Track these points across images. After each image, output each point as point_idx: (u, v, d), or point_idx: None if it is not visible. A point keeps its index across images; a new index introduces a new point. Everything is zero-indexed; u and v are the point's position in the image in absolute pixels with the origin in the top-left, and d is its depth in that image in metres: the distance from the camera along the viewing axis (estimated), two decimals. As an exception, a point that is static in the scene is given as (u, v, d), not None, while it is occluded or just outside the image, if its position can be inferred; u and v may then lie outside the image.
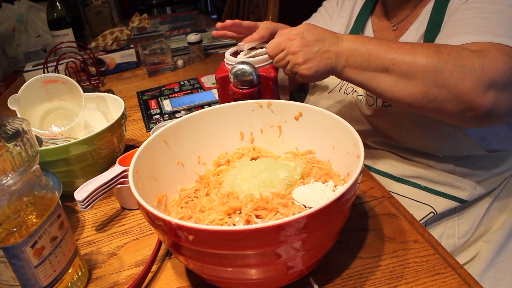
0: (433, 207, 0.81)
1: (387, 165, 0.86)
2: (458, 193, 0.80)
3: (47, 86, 0.86)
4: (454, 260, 0.54)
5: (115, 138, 0.78)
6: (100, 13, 1.88)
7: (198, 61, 1.48)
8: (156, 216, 0.45)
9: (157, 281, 0.57)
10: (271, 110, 0.66)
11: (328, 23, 1.03)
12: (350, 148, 0.56)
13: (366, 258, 0.56)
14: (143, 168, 0.56)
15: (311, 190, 0.56)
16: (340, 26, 0.97)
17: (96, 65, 1.36)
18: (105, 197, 0.74)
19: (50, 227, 0.50)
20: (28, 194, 0.50)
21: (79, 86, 0.86)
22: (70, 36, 1.51)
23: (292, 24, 1.15)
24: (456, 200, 0.80)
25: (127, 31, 1.47)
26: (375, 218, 0.63)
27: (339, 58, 0.67)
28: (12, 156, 0.46)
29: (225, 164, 0.66)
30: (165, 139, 0.62)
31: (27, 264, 0.48)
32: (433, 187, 0.81)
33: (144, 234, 0.66)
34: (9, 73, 1.57)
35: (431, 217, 0.81)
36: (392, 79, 0.65)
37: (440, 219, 0.82)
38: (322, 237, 0.48)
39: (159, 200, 0.57)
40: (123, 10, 2.56)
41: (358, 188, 0.49)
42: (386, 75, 0.65)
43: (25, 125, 0.49)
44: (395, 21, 0.88)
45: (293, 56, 0.68)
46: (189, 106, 1.10)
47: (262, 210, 0.52)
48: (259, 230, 0.41)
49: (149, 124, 1.04)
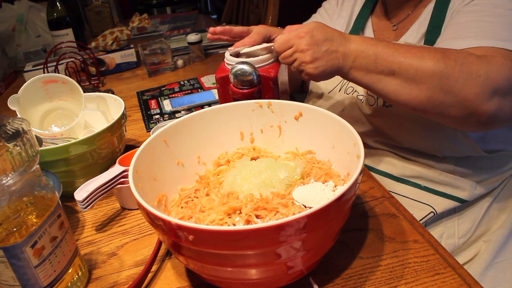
0: (433, 207, 0.81)
1: (387, 165, 0.86)
2: (458, 193, 0.80)
3: (47, 86, 0.86)
4: (454, 260, 0.54)
5: (115, 138, 0.78)
6: (100, 13, 1.88)
7: (198, 61, 1.48)
8: (156, 216, 0.45)
9: (157, 281, 0.57)
10: (271, 110, 0.66)
11: (328, 23, 1.02)
12: (350, 148, 0.56)
13: (366, 258, 0.56)
14: (143, 168, 0.56)
15: (311, 190, 0.56)
16: (340, 27, 0.96)
17: (96, 65, 1.36)
18: (105, 197, 0.74)
19: (50, 227, 0.50)
20: (28, 194, 0.50)
21: (79, 86, 0.86)
22: (70, 36, 1.51)
23: (292, 24, 1.16)
24: (456, 200, 0.80)
25: (127, 31, 1.47)
26: (375, 218, 0.63)
27: (347, 59, 0.67)
28: (12, 156, 0.46)
29: (225, 164, 0.66)
30: (165, 139, 0.62)
31: (27, 264, 0.48)
32: (433, 187, 0.82)
33: (144, 234, 0.66)
34: (9, 73, 1.58)
35: (431, 217, 0.81)
36: (398, 83, 0.65)
37: (440, 219, 0.82)
38: (322, 237, 0.48)
39: (159, 200, 0.57)
40: (123, 10, 2.56)
41: (358, 188, 0.49)
42: (392, 78, 0.65)
43: (25, 125, 0.49)
44: (395, 21, 0.88)
45: (301, 54, 0.67)
46: (189, 106, 1.10)
47: (262, 210, 0.52)
48: (259, 230, 0.41)
49: (149, 124, 1.04)
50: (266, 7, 1.72)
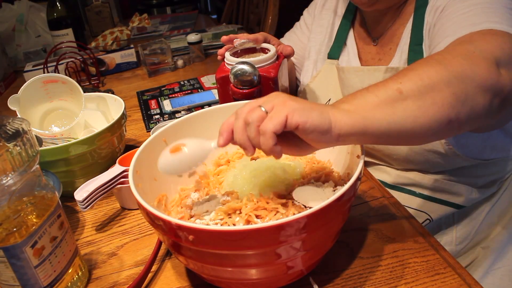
0: (428, 214, 0.80)
1: (382, 173, 0.85)
2: (454, 199, 0.79)
3: (47, 86, 0.86)
4: (454, 260, 0.54)
5: (115, 138, 0.78)
6: (100, 13, 1.88)
7: (198, 61, 1.48)
8: (156, 216, 0.45)
9: (157, 281, 0.57)
10: (271, 110, 0.66)
11: (306, 35, 1.03)
12: (350, 148, 0.56)
13: (366, 258, 0.56)
14: (143, 168, 0.56)
15: (311, 190, 0.56)
16: (320, 36, 0.95)
17: (96, 65, 1.36)
18: (105, 197, 0.74)
19: (50, 227, 0.50)
20: (28, 194, 0.50)
21: (79, 86, 0.86)
22: (70, 36, 1.51)
23: (292, 24, 1.16)
24: (452, 206, 0.80)
25: (127, 31, 1.47)
26: (375, 218, 0.63)
27: None
28: (12, 156, 0.46)
29: (225, 164, 0.66)
30: (165, 139, 0.62)
31: (27, 264, 0.48)
32: (428, 193, 0.81)
33: (144, 234, 0.66)
34: (9, 73, 1.58)
35: (426, 224, 0.80)
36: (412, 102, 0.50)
37: (438, 226, 0.82)
38: (322, 237, 0.48)
39: (159, 200, 0.58)
40: (123, 10, 2.56)
41: (358, 188, 0.49)
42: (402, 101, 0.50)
43: (25, 125, 0.49)
44: (375, 35, 0.87)
45: None
46: (189, 106, 1.10)
47: (262, 210, 0.52)
48: (259, 230, 0.41)
49: (149, 124, 1.04)
50: (266, 7, 1.72)
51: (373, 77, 0.79)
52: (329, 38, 0.94)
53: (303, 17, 1.07)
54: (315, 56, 0.95)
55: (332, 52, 0.91)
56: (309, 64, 0.96)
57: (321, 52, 0.94)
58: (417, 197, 0.81)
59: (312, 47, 0.96)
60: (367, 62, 0.87)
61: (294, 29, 1.08)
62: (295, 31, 1.07)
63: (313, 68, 0.95)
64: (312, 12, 1.02)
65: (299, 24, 1.07)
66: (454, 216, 0.81)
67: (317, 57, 0.95)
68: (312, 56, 0.96)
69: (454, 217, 0.81)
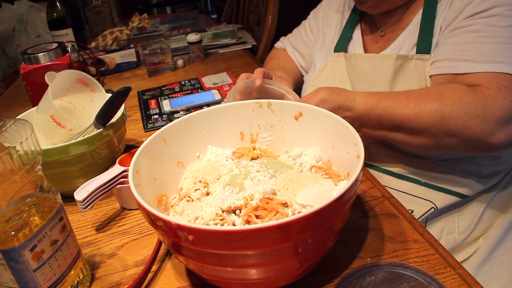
0: (434, 203, 0.81)
1: (387, 163, 0.86)
2: (458, 189, 0.81)
3: (75, 84, 0.84)
4: (454, 260, 0.54)
5: (115, 138, 0.78)
6: (100, 13, 1.88)
7: (198, 61, 1.48)
8: (156, 216, 0.45)
9: (157, 281, 0.57)
10: (271, 110, 0.66)
11: (311, 39, 1.08)
12: (350, 148, 0.56)
13: (366, 258, 0.56)
14: (143, 168, 0.56)
15: (311, 190, 0.56)
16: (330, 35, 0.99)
17: (96, 65, 1.36)
18: (105, 197, 0.74)
19: (50, 231, 0.50)
20: (31, 195, 0.50)
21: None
22: (70, 36, 1.51)
23: (292, 24, 1.16)
24: (456, 195, 0.81)
25: (127, 31, 1.47)
26: (375, 218, 0.63)
27: (354, 121, 0.73)
28: (14, 157, 0.45)
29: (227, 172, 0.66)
30: (165, 139, 0.62)
31: (26, 267, 0.48)
32: (433, 182, 0.82)
33: (144, 234, 0.67)
34: (9, 73, 1.57)
35: (432, 212, 0.81)
36: (404, 135, 0.72)
37: (441, 215, 0.83)
38: (322, 237, 0.48)
39: (159, 200, 0.57)
40: (123, 10, 2.56)
41: (358, 188, 0.49)
42: (398, 133, 0.73)
43: (27, 127, 0.48)
44: (383, 27, 0.89)
45: None
46: (188, 106, 1.10)
47: (262, 210, 0.52)
48: (259, 230, 0.41)
49: (147, 124, 1.04)
50: (266, 7, 1.72)
51: (385, 65, 0.83)
52: (339, 33, 0.97)
53: (309, 17, 1.12)
54: (325, 53, 0.98)
55: (338, 46, 0.95)
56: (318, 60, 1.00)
57: (331, 49, 0.97)
58: (423, 186, 0.83)
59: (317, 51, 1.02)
60: (373, 51, 0.90)
61: (300, 28, 1.14)
62: (300, 30, 1.13)
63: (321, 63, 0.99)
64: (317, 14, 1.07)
65: (304, 23, 1.13)
66: (456, 205, 0.82)
67: (327, 53, 0.98)
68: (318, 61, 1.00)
69: (456, 206, 0.83)
